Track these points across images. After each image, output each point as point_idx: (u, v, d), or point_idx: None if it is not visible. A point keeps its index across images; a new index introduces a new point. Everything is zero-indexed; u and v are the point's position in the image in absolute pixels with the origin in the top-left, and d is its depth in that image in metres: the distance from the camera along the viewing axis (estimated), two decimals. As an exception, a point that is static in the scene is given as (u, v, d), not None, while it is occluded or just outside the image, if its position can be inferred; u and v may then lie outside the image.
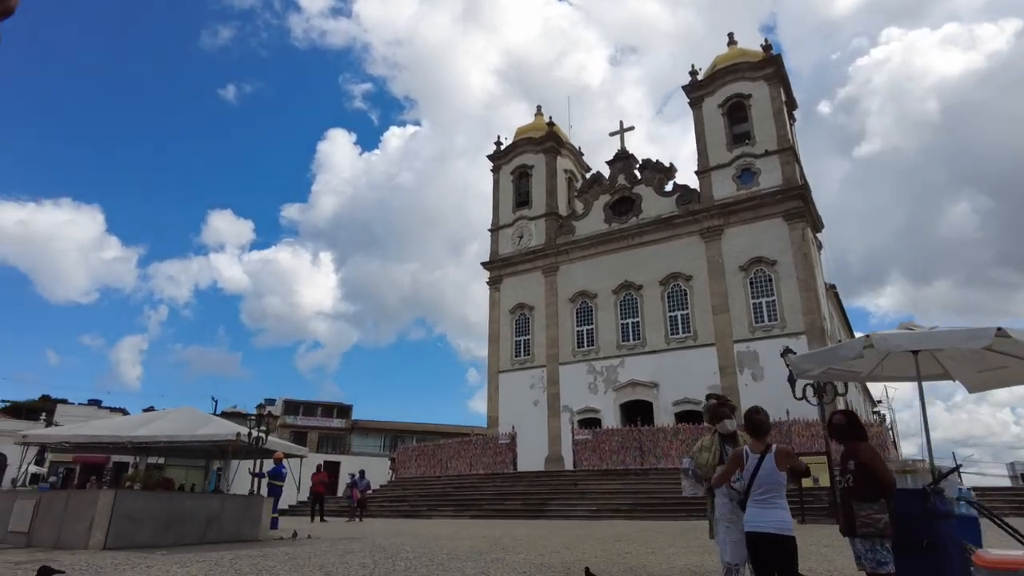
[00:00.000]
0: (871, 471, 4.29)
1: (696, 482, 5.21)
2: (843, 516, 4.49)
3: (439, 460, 30.06)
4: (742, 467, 4.20)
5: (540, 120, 41.28)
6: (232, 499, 10.79)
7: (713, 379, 28.96)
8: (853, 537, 4.39)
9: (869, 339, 4.50)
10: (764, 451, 4.16)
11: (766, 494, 4.05)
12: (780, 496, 4.07)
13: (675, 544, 10.36)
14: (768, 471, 4.07)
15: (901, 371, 5.40)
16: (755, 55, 33.65)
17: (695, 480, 5.21)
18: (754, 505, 4.08)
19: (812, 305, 28.04)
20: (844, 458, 4.55)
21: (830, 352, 4.70)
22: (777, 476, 4.06)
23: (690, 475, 5.25)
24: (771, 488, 4.06)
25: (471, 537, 12.32)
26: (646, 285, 32.19)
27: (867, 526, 4.24)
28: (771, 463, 4.09)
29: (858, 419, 4.59)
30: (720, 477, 4.52)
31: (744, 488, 4.18)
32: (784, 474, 4.07)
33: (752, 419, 4.34)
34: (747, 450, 4.26)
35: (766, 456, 4.12)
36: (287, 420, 57.84)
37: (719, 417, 5.11)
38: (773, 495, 4.05)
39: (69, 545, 9.02)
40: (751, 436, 4.33)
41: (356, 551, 9.27)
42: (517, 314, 36.54)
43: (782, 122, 31.63)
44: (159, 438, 19.75)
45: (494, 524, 17.76)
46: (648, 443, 24.13)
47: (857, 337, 4.63)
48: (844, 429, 4.52)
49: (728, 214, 31.03)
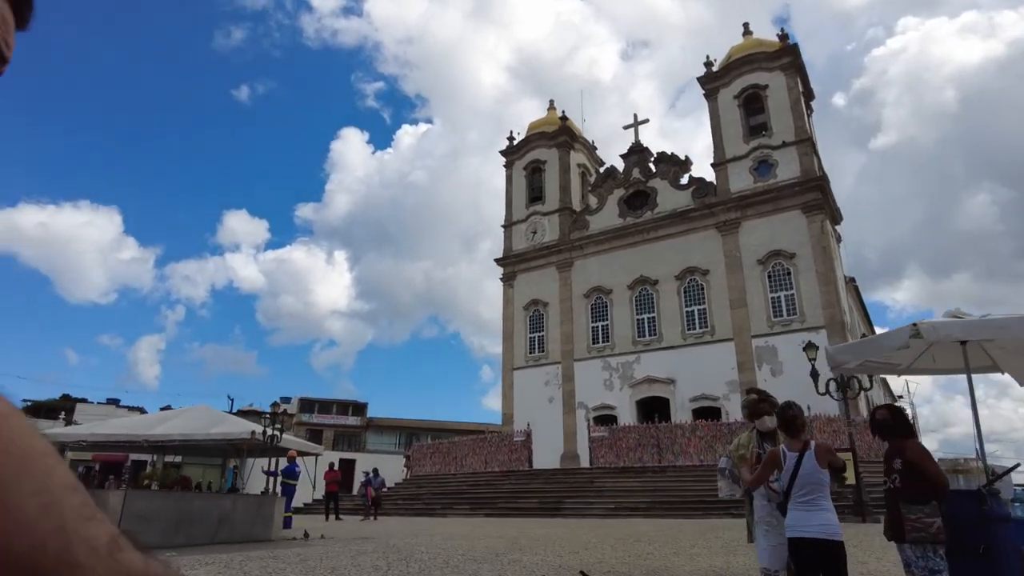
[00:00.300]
0: (921, 471, 3.94)
1: (733, 482, 4.89)
2: (889, 519, 4.15)
3: (454, 458, 29.86)
4: (780, 467, 3.88)
5: (553, 115, 40.89)
6: (244, 498, 10.60)
7: (731, 375, 28.53)
8: (901, 542, 4.03)
9: (916, 328, 4.14)
10: (803, 449, 3.84)
11: (808, 495, 3.73)
12: (824, 497, 3.74)
13: (697, 544, 10.03)
14: (809, 470, 3.75)
15: (946, 363, 5.03)
16: (771, 45, 33.07)
17: (732, 480, 4.88)
18: (796, 507, 3.76)
19: (832, 299, 27.49)
20: (889, 456, 4.20)
21: (872, 343, 4.36)
22: (819, 475, 3.74)
23: (727, 475, 4.93)
24: (813, 488, 3.73)
25: (487, 537, 12.06)
26: (662, 280, 31.75)
27: (918, 531, 3.88)
28: (811, 461, 3.76)
29: (903, 414, 4.24)
30: (755, 479, 4.19)
31: (784, 489, 3.87)
32: (826, 472, 3.75)
33: (785, 415, 4.02)
34: (784, 449, 3.94)
35: (805, 454, 3.80)
36: (303, 418, 57.95)
37: (758, 413, 4.78)
38: (816, 496, 3.72)
39: (78, 546, 8.85)
40: (786, 434, 4.01)
41: (369, 552, 9.04)
42: (531, 310, 36.24)
43: (799, 112, 31.05)
44: (174, 437, 19.72)
45: (510, 523, 17.50)
46: (666, 440, 23.74)
47: (903, 326, 4.28)
48: (888, 425, 4.17)
49: (745, 207, 30.50)
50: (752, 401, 4.85)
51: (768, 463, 4.00)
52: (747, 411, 4.92)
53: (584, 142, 40.93)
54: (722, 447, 22.62)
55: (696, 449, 23.03)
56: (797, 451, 3.83)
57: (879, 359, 4.79)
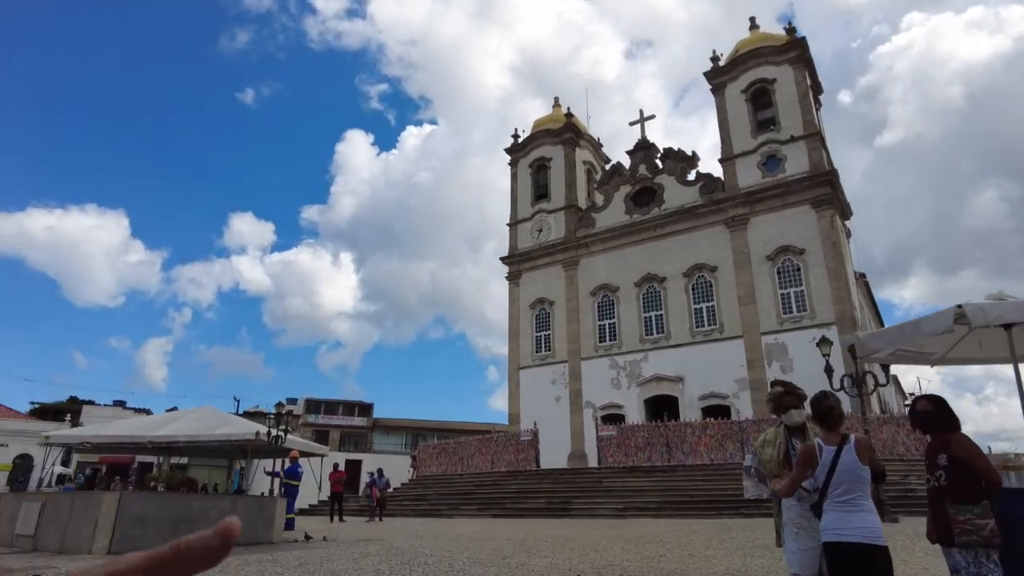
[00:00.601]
0: (972, 467, 3.58)
1: (760, 482, 4.51)
2: (934, 521, 3.79)
3: (460, 458, 29.55)
4: (816, 464, 3.53)
5: (558, 112, 40.55)
6: (244, 500, 10.32)
7: (740, 372, 28.15)
8: (949, 546, 3.65)
9: (962, 310, 3.78)
10: (840, 443, 3.47)
11: (847, 494, 3.37)
12: (865, 496, 3.38)
13: (711, 546, 9.69)
14: (849, 466, 3.39)
15: (986, 351, 4.65)
16: (779, 39, 32.66)
17: (758, 479, 4.52)
18: (834, 508, 3.40)
19: (842, 294, 27.06)
20: (931, 452, 3.83)
21: (909, 328, 4.00)
22: (860, 471, 3.38)
23: (752, 474, 4.55)
24: (853, 486, 3.37)
25: (494, 538, 11.74)
26: (669, 277, 31.37)
27: (968, 533, 3.52)
28: (851, 456, 3.40)
29: (947, 405, 3.86)
30: (790, 483, 3.79)
31: (818, 488, 3.53)
32: (867, 469, 3.39)
33: (820, 406, 3.65)
34: (819, 443, 3.58)
35: (844, 448, 3.44)
36: (309, 419, 57.77)
37: (785, 407, 4.41)
38: (856, 495, 3.36)
39: (73, 549, 8.59)
40: (822, 426, 3.64)
41: (372, 555, 8.74)
42: (537, 309, 35.91)
43: (808, 106, 30.62)
44: (178, 438, 19.47)
45: (517, 524, 17.18)
46: (675, 439, 23.36)
47: (944, 309, 3.92)
48: (931, 417, 3.81)
49: (754, 202, 30.10)
50: (777, 394, 4.49)
51: (803, 460, 3.62)
52: (772, 404, 4.55)
53: (590, 139, 40.57)
54: (733, 446, 22.27)
55: (706, 448, 22.66)
56: (835, 445, 3.48)
57: (913, 347, 4.45)
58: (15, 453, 39.69)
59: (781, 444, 4.35)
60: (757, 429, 22.18)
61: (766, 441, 4.48)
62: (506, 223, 39.29)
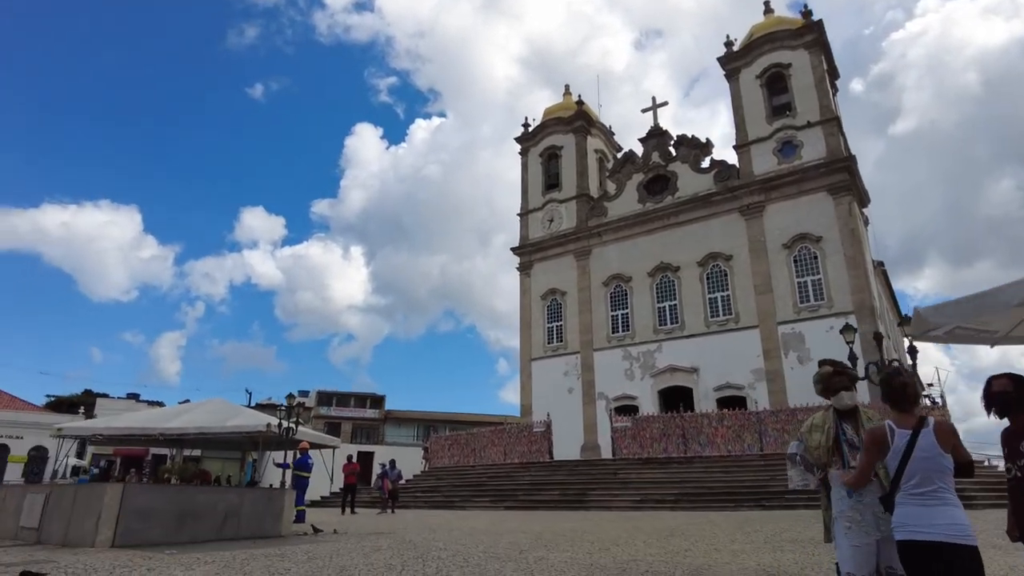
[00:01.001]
0: None
1: (805, 471, 4.09)
2: (1016, 515, 3.39)
3: (473, 449, 29.27)
4: (886, 450, 3.12)
5: (569, 100, 40.00)
6: (252, 492, 10.04)
7: (756, 363, 27.68)
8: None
9: (1045, 277, 3.38)
10: (917, 426, 3.05)
11: (926, 485, 2.96)
12: (948, 488, 2.96)
13: (736, 540, 9.30)
14: (928, 452, 2.97)
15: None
16: (794, 22, 32.00)
17: (804, 468, 4.10)
18: (909, 502, 3.00)
19: (861, 283, 26.49)
20: (1012, 437, 3.41)
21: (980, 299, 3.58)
22: (941, 459, 2.97)
23: (798, 462, 4.11)
24: (933, 476, 2.96)
25: (509, 531, 11.41)
26: (684, 266, 30.88)
27: None
28: (930, 441, 2.99)
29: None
30: (859, 472, 3.35)
31: (889, 478, 3.13)
32: (949, 457, 2.99)
33: (892, 383, 3.23)
34: (890, 426, 3.17)
35: (921, 432, 3.02)
36: (321, 411, 57.84)
37: (834, 388, 3.98)
38: (938, 486, 2.95)
39: (76, 542, 8.34)
40: (895, 408, 3.23)
41: (383, 548, 8.43)
42: (549, 300, 35.53)
43: (824, 91, 29.96)
44: (189, 430, 19.29)
45: (533, 516, 16.86)
46: (691, 430, 22.95)
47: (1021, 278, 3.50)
48: (1009, 398, 3.39)
49: (769, 189, 29.52)
50: (826, 374, 4.06)
51: (872, 445, 3.21)
52: (820, 386, 4.12)
53: (601, 127, 40.01)
54: (750, 437, 21.84)
55: (723, 439, 22.24)
56: (910, 428, 3.07)
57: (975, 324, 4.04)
58: (31, 445, 39.95)
59: (830, 429, 3.94)
60: (775, 420, 21.75)
61: (813, 426, 4.06)
62: (517, 213, 38.87)
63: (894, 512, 3.09)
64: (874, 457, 3.21)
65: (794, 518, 12.97)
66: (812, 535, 9.47)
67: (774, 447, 21.30)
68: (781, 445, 21.26)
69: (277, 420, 18.68)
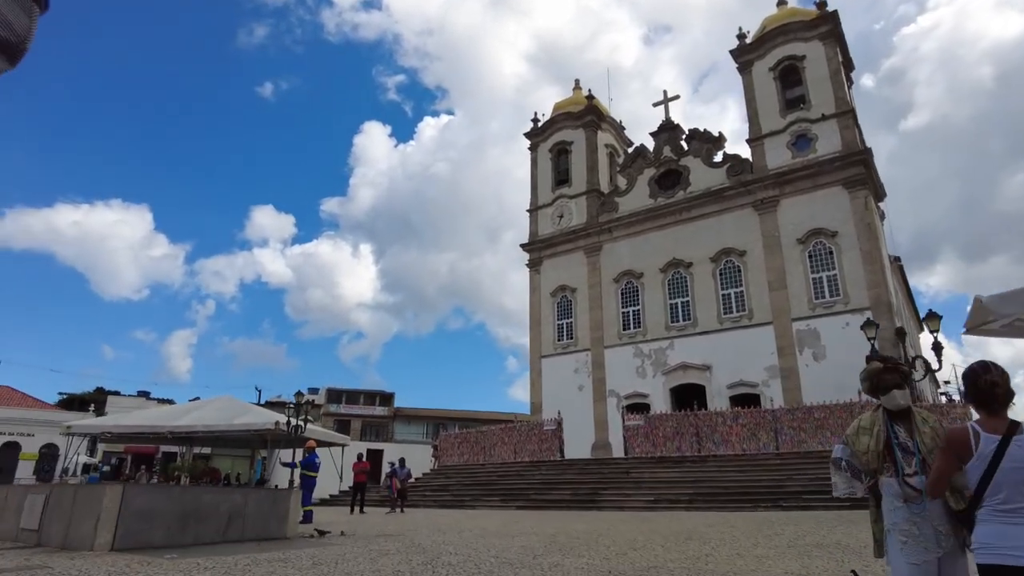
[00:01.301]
0: None
1: (852, 478, 3.67)
2: None
3: (482, 447, 28.97)
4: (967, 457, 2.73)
5: (579, 94, 39.53)
6: (256, 493, 9.75)
7: (771, 360, 27.20)
8: None
9: None
10: (1008, 432, 2.66)
11: (1015, 501, 2.58)
12: None
13: (759, 544, 8.93)
14: (1020, 463, 2.59)
15: None
16: (808, 13, 31.42)
17: (850, 475, 3.67)
18: (995, 519, 2.62)
19: (877, 278, 25.95)
20: None
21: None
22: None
23: (843, 467, 3.66)
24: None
25: (522, 533, 11.08)
26: (696, 262, 30.41)
27: None
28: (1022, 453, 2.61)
29: None
30: (936, 480, 2.96)
31: (969, 489, 2.75)
32: None
33: (979, 382, 2.83)
34: (973, 427, 2.78)
35: (1013, 440, 2.63)
36: (330, 408, 57.76)
37: (886, 387, 3.53)
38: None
39: (76, 545, 8.08)
40: (981, 409, 2.82)
41: (391, 552, 8.12)
42: (559, 296, 35.16)
43: (839, 83, 29.38)
44: (197, 428, 19.11)
45: (545, 517, 16.52)
46: (705, 428, 22.53)
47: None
48: None
49: (783, 184, 28.99)
50: (875, 371, 3.61)
51: (949, 451, 2.81)
52: (869, 384, 3.68)
53: (612, 121, 39.52)
54: (766, 435, 21.39)
55: (738, 438, 21.82)
56: (998, 434, 2.67)
57: (1038, 315, 3.66)
58: (42, 443, 40.05)
59: (881, 432, 3.51)
60: (792, 418, 21.30)
61: (861, 428, 3.63)
62: (526, 209, 38.49)
63: (975, 530, 2.71)
64: (952, 463, 2.81)
65: (815, 520, 12.57)
66: (837, 539, 9.09)
67: (790, 446, 20.88)
68: (797, 444, 20.84)
69: (285, 418, 18.51)
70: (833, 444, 18.29)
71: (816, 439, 20.54)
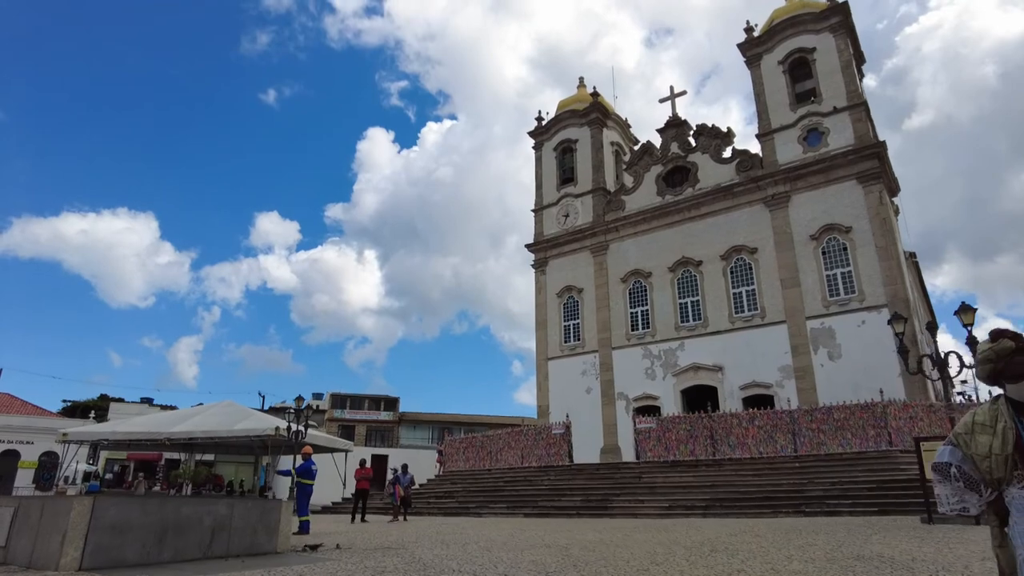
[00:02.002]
0: None
1: (966, 488, 2.71)
2: None
3: (488, 452, 28.16)
4: None
5: (583, 92, 38.85)
6: (243, 504, 8.99)
7: (784, 359, 26.41)
8: None
9: None
10: None
11: None
12: None
13: (792, 556, 8.13)
14: None
15: None
16: (818, 5, 30.68)
17: (964, 485, 2.71)
18: None
19: (894, 274, 25.14)
20: None
21: None
22: None
23: (954, 476, 2.72)
24: None
25: (531, 545, 10.30)
26: (706, 260, 29.62)
27: None
28: None
29: None
30: None
31: None
32: None
33: None
34: None
35: None
36: (335, 414, 57.09)
37: (1016, 372, 2.67)
38: None
39: (42, 563, 7.35)
40: None
41: (389, 570, 7.37)
42: (565, 297, 34.40)
43: (851, 76, 28.62)
44: (196, 434, 18.43)
45: (554, 525, 15.72)
46: (720, 431, 21.70)
47: None
48: None
49: (795, 179, 28.21)
50: (1005, 350, 2.70)
51: None
52: (990, 367, 2.73)
53: (617, 119, 38.80)
54: (783, 437, 20.54)
55: (755, 440, 20.99)
56: None
57: None
58: (41, 451, 39.41)
59: (1009, 430, 2.64)
60: (810, 420, 20.47)
61: (978, 425, 2.71)
62: (531, 209, 37.78)
63: None
64: None
65: (845, 528, 11.75)
66: (878, 550, 8.30)
67: (809, 448, 20.05)
68: (817, 446, 20.00)
69: (286, 423, 17.79)
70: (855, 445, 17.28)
71: (836, 441, 19.71)
